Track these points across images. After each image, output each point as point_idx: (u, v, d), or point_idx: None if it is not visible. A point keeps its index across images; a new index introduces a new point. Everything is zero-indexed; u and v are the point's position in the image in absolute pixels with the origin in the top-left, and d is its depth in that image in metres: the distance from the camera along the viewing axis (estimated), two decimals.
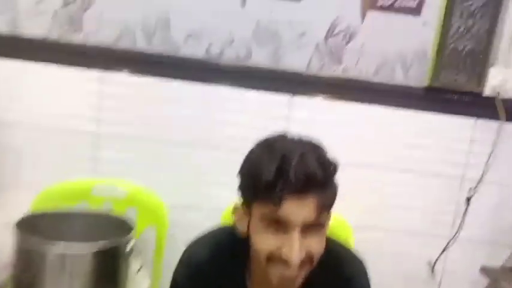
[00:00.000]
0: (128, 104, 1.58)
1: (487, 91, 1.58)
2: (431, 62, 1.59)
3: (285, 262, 0.78)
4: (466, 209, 1.63)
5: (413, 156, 1.62)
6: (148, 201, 1.51)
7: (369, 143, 1.61)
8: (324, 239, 0.84)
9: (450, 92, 1.60)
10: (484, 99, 1.58)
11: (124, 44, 1.58)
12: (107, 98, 1.58)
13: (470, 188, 1.62)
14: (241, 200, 0.87)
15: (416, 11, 1.59)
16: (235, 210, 0.89)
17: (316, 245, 0.81)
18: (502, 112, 1.55)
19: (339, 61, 1.59)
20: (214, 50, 1.59)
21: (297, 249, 0.77)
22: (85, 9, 1.57)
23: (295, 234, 0.78)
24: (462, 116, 1.61)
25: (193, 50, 1.59)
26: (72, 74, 1.56)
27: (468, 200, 1.62)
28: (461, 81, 1.59)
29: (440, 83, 1.59)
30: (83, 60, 1.56)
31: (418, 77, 1.62)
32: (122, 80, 1.57)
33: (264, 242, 0.80)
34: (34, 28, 1.57)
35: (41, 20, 1.57)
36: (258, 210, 0.81)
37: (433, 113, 1.61)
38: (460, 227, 1.65)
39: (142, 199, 1.51)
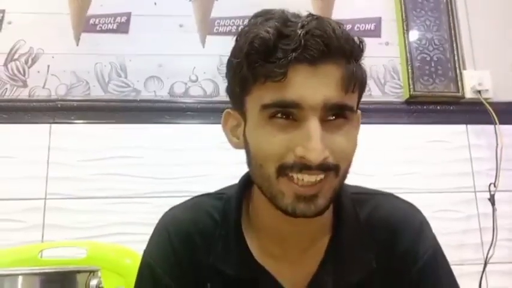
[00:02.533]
0: (82, 156, 1.34)
1: (468, 94, 1.52)
2: (404, 75, 1.55)
3: (301, 166, 0.53)
4: (494, 219, 1.40)
5: (412, 173, 1.44)
6: (115, 260, 1.16)
7: (363, 163, 1.42)
8: (355, 138, 0.58)
9: (432, 102, 1.53)
10: (468, 103, 1.51)
11: (76, 95, 1.42)
12: (56, 151, 1.34)
13: (491, 196, 1.42)
14: (232, 101, 0.62)
15: (375, 33, 1.60)
16: (226, 119, 0.64)
17: (343, 143, 0.55)
18: (493, 115, 1.45)
19: None
20: (179, 90, 1.46)
21: (318, 140, 0.52)
22: (30, 65, 1.43)
23: (314, 122, 0.53)
24: (451, 124, 1.50)
25: (155, 92, 1.45)
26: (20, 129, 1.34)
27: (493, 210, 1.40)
28: (438, 89, 1.53)
29: (420, 93, 1.52)
30: (31, 116, 1.36)
31: (395, 91, 1.54)
32: (73, 130, 1.36)
33: (269, 142, 0.54)
34: None
35: None
36: (256, 98, 0.55)
37: (420, 125, 1.50)
38: (493, 243, 1.39)
39: (106, 258, 1.15)
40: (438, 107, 1.51)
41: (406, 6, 1.59)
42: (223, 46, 1.47)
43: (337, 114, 0.55)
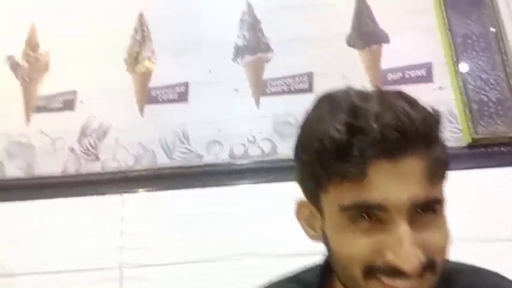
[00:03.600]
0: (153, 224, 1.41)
1: None
2: (462, 118, 1.52)
3: (393, 272, 0.48)
4: None
5: (475, 220, 1.39)
6: None
7: None
8: (446, 228, 0.52)
9: (496, 144, 1.48)
10: None
11: (144, 164, 1.51)
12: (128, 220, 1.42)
13: None
14: (306, 193, 0.57)
15: (427, 78, 1.60)
16: (300, 209, 0.60)
17: (436, 239, 0.49)
18: None
19: None
20: (238, 151, 1.52)
21: (410, 245, 0.47)
22: (101, 139, 1.55)
23: (403, 225, 0.47)
24: None
25: (216, 156, 1.51)
26: (92, 202, 1.44)
27: None
28: (501, 129, 1.49)
29: (482, 136, 1.48)
30: (102, 188, 1.46)
31: (454, 136, 1.52)
32: (143, 199, 1.44)
33: (353, 246, 0.50)
34: (51, 167, 1.52)
35: (58, 157, 1.53)
36: (333, 198, 0.51)
37: (486, 168, 1.45)
38: None
39: None
40: (503, 149, 1.46)
41: (456, 48, 1.59)
42: (277, 105, 1.55)
43: (426, 210, 0.50)
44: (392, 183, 0.48)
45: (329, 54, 1.59)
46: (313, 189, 0.54)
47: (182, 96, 1.58)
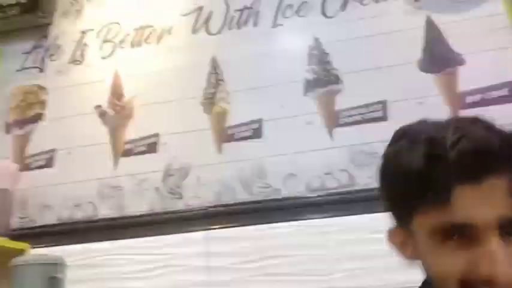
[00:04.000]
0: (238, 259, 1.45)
1: None
2: None
3: (488, 284, 0.50)
4: None
5: None
6: None
7: None
8: None
9: None
10: None
11: (225, 200, 1.56)
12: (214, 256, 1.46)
13: None
14: (394, 220, 0.61)
15: (509, 98, 1.53)
16: (391, 236, 0.63)
17: None
18: None
19: None
20: (315, 184, 1.53)
21: (504, 258, 0.50)
22: (183, 179, 1.62)
23: (493, 240, 0.51)
24: None
25: (292, 189, 1.53)
26: (179, 239, 1.51)
27: None
28: None
29: None
30: (188, 224, 1.53)
31: None
32: (226, 235, 1.49)
33: (447, 264, 0.53)
34: (138, 206, 1.62)
35: (144, 197, 1.63)
36: (422, 223, 0.55)
37: None
38: None
39: None
40: None
41: None
42: (351, 136, 1.54)
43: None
44: (479, 204, 0.51)
45: (402, 80, 1.57)
46: (404, 217, 0.58)
47: (257, 133, 1.63)
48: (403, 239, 0.60)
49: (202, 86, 1.74)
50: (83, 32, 1.90)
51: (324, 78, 1.66)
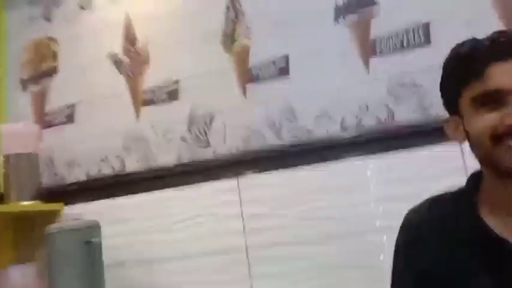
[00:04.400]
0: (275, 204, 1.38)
1: None
2: None
3: (511, 132, 0.68)
4: None
5: None
6: None
7: None
8: None
9: None
10: None
11: (254, 146, 1.47)
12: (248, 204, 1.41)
13: None
14: (449, 106, 0.80)
15: None
16: (447, 126, 0.80)
17: None
18: None
19: None
20: (350, 122, 1.40)
21: None
22: (208, 126, 1.53)
23: None
24: None
25: (326, 129, 1.41)
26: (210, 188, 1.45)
27: None
28: None
29: None
30: (218, 173, 1.46)
31: None
32: (259, 182, 1.41)
33: (482, 122, 0.71)
34: (165, 157, 1.55)
35: (171, 148, 1.55)
36: (466, 99, 0.74)
37: None
38: None
39: None
40: None
41: None
42: (390, 67, 1.38)
43: None
44: (504, 75, 0.70)
45: None
46: (454, 100, 0.77)
47: (283, 71, 1.49)
48: (455, 125, 0.78)
49: (221, 21, 1.58)
50: None
51: (356, 0, 1.46)
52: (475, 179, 0.78)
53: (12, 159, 1.54)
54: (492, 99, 0.70)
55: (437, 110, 1.28)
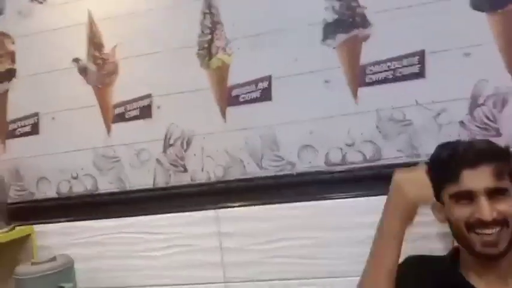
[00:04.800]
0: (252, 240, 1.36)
1: None
2: None
3: (481, 223, 0.89)
4: None
5: None
6: None
7: None
8: None
9: None
10: None
11: (234, 174, 1.40)
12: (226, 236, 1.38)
13: None
14: (434, 195, 0.98)
15: None
16: (433, 206, 1.01)
17: (505, 207, 0.90)
18: None
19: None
20: (335, 157, 1.34)
21: (486, 207, 0.89)
22: (185, 150, 1.44)
23: (482, 198, 0.90)
24: None
25: (309, 162, 1.35)
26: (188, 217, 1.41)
27: None
28: None
29: None
30: (195, 201, 1.40)
31: None
32: (237, 214, 1.37)
33: (458, 214, 0.93)
34: (140, 180, 1.48)
35: (146, 170, 1.47)
36: (446, 193, 0.95)
37: None
38: None
39: None
40: None
41: None
42: (380, 98, 1.29)
43: (497, 193, 0.90)
44: (473, 180, 0.91)
45: (446, 23, 1.24)
46: (438, 191, 0.97)
47: (266, 93, 1.38)
48: (439, 208, 0.99)
49: (196, 30, 1.42)
50: None
51: (347, 19, 1.32)
52: (456, 251, 1.02)
53: None
54: (465, 197, 0.91)
55: (427, 149, 1.24)
